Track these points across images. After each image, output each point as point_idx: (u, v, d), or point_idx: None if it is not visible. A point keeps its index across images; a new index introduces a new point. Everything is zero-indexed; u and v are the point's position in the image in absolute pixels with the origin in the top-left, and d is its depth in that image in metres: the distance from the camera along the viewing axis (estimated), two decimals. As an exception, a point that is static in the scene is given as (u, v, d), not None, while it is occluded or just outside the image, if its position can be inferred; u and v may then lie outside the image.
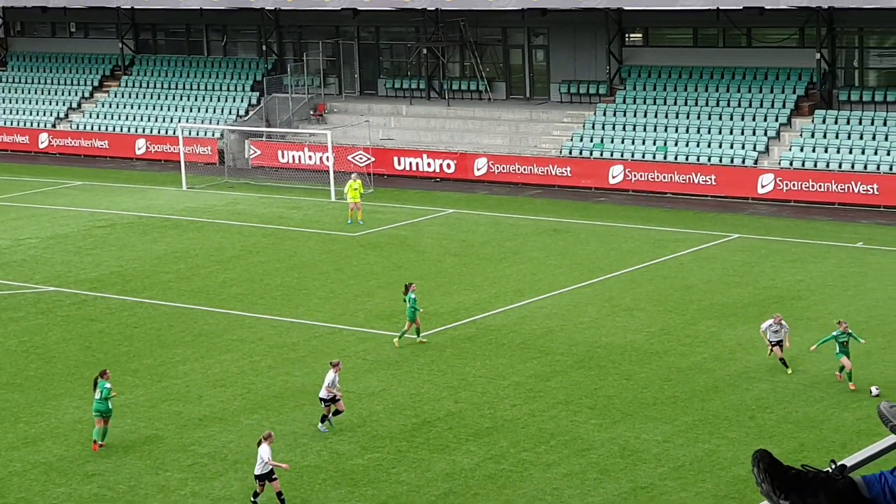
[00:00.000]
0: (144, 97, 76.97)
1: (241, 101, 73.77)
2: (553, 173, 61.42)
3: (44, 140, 76.39)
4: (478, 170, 63.05)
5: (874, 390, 32.05)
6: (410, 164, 64.84)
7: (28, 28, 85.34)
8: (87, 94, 79.40)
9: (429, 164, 64.38)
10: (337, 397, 31.16)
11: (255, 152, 68.82)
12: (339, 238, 52.06)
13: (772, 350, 34.23)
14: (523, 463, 28.94)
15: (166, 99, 76.23)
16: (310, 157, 66.68)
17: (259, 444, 27.40)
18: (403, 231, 53.09)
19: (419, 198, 59.92)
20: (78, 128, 76.56)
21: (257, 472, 27.15)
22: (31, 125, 78.15)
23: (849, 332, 33.10)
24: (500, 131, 66.08)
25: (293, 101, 71.45)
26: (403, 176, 64.51)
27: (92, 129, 76.05)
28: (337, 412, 31.26)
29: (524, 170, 62.02)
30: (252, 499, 26.91)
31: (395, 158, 65.22)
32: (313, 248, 50.34)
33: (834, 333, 33.11)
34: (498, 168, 62.60)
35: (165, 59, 78.92)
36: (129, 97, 77.47)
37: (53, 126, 77.62)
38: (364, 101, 72.14)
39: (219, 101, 74.41)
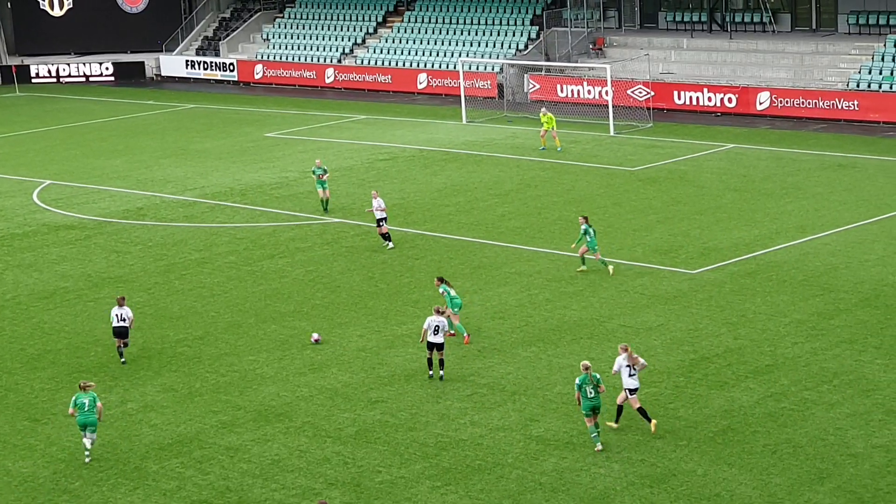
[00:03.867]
0: (426, 32, 77.95)
1: (521, 35, 73.93)
2: (839, 107, 59.73)
3: (330, 75, 78.27)
4: (760, 104, 61.78)
5: None
6: (690, 98, 63.97)
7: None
8: (370, 30, 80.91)
9: (709, 99, 63.41)
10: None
11: (534, 86, 68.95)
12: (618, 172, 51.80)
13: None
14: (805, 402, 28.40)
15: (447, 34, 77.02)
16: (588, 91, 66.45)
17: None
18: (683, 166, 52.47)
19: (699, 132, 59.11)
20: (362, 63, 78.14)
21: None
22: (318, 60, 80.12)
23: None
24: (784, 64, 64.50)
25: (572, 35, 71.22)
26: (683, 110, 63.74)
27: (375, 64, 77.52)
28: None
29: (808, 104, 60.50)
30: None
31: (675, 93, 64.43)
32: (591, 183, 50.24)
33: None
34: (781, 102, 61.21)
35: (447, -6, 79.69)
36: (412, 32, 78.59)
37: (339, 61, 79.44)
38: (644, 35, 71.39)
39: (499, 35, 74.75)
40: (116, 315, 33.16)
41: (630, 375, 27.18)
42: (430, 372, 30.77)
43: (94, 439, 27.44)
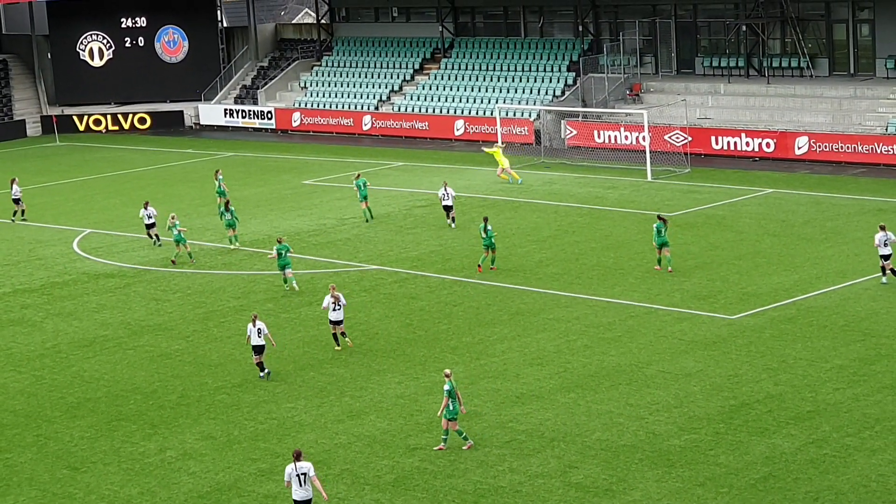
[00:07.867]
0: (463, 79, 78.23)
1: (558, 81, 74.09)
2: (878, 151, 59.50)
3: (367, 122, 78.59)
4: (798, 148, 61.62)
5: None
6: (728, 143, 63.86)
7: (353, 14, 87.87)
8: (408, 77, 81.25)
9: (747, 144, 63.28)
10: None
11: (571, 132, 69.02)
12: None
13: None
14: (847, 448, 28.16)
15: (484, 80, 77.27)
16: (626, 137, 66.46)
17: None
18: (720, 211, 52.33)
19: (737, 177, 58.97)
20: (399, 110, 78.43)
21: None
22: (356, 108, 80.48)
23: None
24: (823, 109, 64.35)
25: (609, 81, 71.31)
26: (721, 155, 63.62)
27: (412, 111, 77.80)
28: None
29: (847, 148, 60.30)
30: None
31: (713, 138, 64.34)
32: (629, 228, 50.16)
33: None
34: (820, 147, 61.02)
35: (483, 42, 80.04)
36: (449, 79, 78.87)
37: (376, 108, 79.76)
38: (681, 80, 71.40)
39: (535, 81, 74.94)
40: (146, 214, 51.25)
41: (334, 310, 36.35)
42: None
43: (291, 273, 43.17)
